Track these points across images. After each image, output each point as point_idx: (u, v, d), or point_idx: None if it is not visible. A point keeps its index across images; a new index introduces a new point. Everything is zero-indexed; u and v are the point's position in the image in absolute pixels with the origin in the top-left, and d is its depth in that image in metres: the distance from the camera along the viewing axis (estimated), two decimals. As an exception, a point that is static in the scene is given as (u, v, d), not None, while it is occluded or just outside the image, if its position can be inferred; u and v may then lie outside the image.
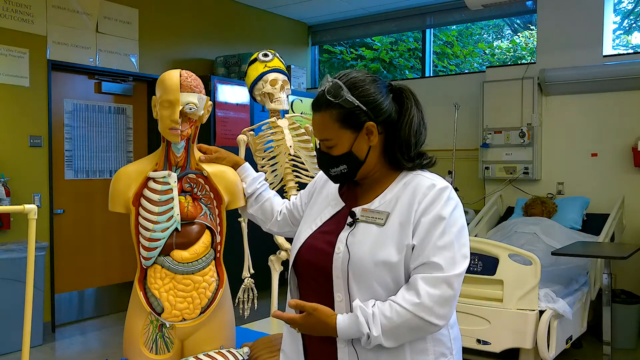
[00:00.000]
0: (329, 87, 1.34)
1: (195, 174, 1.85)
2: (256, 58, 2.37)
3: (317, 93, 1.39)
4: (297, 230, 1.53)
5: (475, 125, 5.52)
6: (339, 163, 1.37)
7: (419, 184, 1.34)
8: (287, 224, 1.73)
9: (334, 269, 1.33)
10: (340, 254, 1.33)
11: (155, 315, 1.81)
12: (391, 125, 1.37)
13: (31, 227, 1.58)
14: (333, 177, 1.41)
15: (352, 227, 1.35)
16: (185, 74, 1.79)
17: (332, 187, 1.50)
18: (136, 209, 1.80)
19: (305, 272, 1.41)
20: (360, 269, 1.29)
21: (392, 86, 1.41)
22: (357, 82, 1.34)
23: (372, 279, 1.28)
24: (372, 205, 1.36)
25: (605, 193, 4.88)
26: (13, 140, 4.38)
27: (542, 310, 3.23)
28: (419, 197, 1.31)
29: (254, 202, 1.82)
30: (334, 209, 1.44)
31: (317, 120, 1.37)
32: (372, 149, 1.36)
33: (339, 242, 1.35)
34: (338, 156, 1.36)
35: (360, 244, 1.31)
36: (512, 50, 7.97)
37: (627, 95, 4.87)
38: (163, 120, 1.77)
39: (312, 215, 1.48)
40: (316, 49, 7.26)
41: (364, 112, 1.33)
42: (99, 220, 5.03)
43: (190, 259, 1.80)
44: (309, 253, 1.40)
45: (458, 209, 1.33)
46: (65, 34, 4.67)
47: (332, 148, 1.36)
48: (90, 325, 4.87)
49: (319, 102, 1.36)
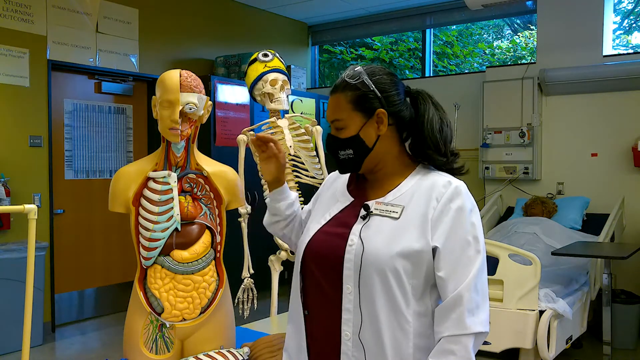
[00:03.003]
0: (349, 71, 1.40)
1: (195, 174, 1.85)
2: (256, 58, 2.37)
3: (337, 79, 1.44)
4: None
5: (475, 125, 5.52)
6: (346, 146, 1.39)
7: (435, 181, 1.36)
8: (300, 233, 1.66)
9: (345, 261, 1.33)
10: (354, 245, 1.33)
11: (155, 315, 1.81)
12: (404, 123, 1.41)
13: (31, 227, 1.58)
14: (340, 161, 1.42)
15: (366, 220, 1.36)
16: (185, 74, 1.79)
17: (340, 184, 1.50)
18: (136, 209, 1.80)
19: (312, 265, 1.40)
20: (376, 261, 1.29)
21: (410, 89, 1.46)
22: (376, 71, 1.40)
23: (387, 271, 1.29)
24: (386, 199, 1.37)
25: (605, 193, 4.88)
26: (13, 140, 4.38)
27: (542, 310, 3.23)
28: (435, 194, 1.33)
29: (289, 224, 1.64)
30: (342, 204, 1.44)
31: (332, 101, 1.41)
32: (381, 140, 1.38)
33: (352, 235, 1.35)
34: (346, 139, 1.38)
35: (376, 236, 1.32)
36: (512, 50, 7.97)
37: (627, 95, 4.87)
38: (163, 120, 1.77)
39: (320, 212, 1.48)
40: (316, 49, 7.26)
41: (377, 98, 1.36)
42: (99, 220, 5.03)
43: (190, 259, 1.80)
44: (318, 246, 1.40)
45: (474, 210, 1.34)
46: (65, 34, 4.67)
47: (341, 130, 1.39)
48: (90, 325, 4.87)
49: (336, 86, 1.41)
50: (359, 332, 1.31)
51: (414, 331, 1.30)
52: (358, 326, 1.31)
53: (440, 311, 1.29)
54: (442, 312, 1.29)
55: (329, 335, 1.36)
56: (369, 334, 1.30)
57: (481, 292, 1.30)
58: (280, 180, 1.61)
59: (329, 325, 1.36)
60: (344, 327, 1.33)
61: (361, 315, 1.31)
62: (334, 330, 1.34)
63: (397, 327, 1.29)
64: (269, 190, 1.62)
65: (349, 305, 1.32)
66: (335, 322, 1.34)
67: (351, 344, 1.32)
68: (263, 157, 1.60)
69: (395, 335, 1.29)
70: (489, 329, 1.29)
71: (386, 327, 1.29)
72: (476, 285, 1.29)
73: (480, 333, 1.27)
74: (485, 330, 1.28)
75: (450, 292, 1.28)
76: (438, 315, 1.29)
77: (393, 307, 1.29)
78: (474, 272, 1.29)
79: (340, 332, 1.34)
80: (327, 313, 1.36)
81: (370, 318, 1.30)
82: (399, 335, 1.29)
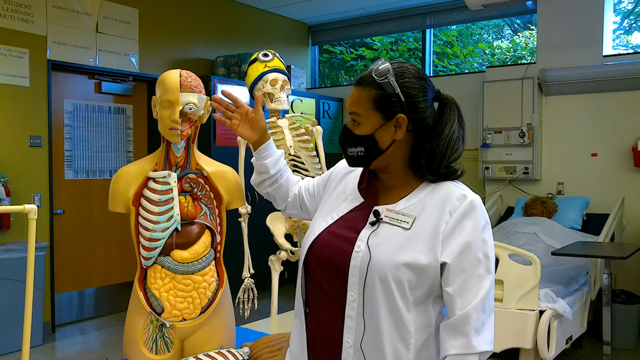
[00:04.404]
0: (378, 67, 1.31)
1: (195, 174, 1.85)
2: (256, 58, 2.37)
3: (366, 70, 1.38)
4: (304, 216, 1.52)
5: (475, 125, 5.52)
6: (358, 144, 1.34)
7: (450, 192, 1.30)
8: (295, 207, 1.66)
9: (351, 268, 1.30)
10: (361, 252, 1.29)
11: (155, 315, 1.81)
12: (424, 131, 1.33)
13: (31, 227, 1.57)
14: (349, 157, 1.39)
15: (375, 227, 1.32)
16: (185, 74, 1.78)
17: (351, 182, 1.46)
18: (136, 209, 1.80)
19: (316, 267, 1.37)
20: (382, 271, 1.26)
21: (440, 94, 1.39)
22: (406, 73, 1.32)
23: (390, 280, 1.26)
24: (397, 207, 1.33)
25: (605, 193, 4.88)
26: (13, 140, 4.38)
27: (542, 310, 3.23)
28: (449, 207, 1.28)
29: (274, 182, 1.66)
30: (351, 204, 1.40)
31: (355, 94, 1.35)
32: (396, 144, 1.32)
33: (359, 241, 1.31)
34: (359, 136, 1.34)
35: (384, 245, 1.28)
36: (512, 50, 7.97)
37: (627, 95, 4.87)
38: (163, 120, 1.76)
39: (327, 210, 1.44)
40: (316, 49, 7.26)
41: (400, 103, 1.30)
42: (99, 220, 5.03)
43: (190, 259, 1.80)
44: (323, 248, 1.36)
45: (487, 227, 1.30)
46: (65, 34, 4.67)
47: (357, 126, 1.34)
48: (90, 325, 4.87)
49: (362, 78, 1.35)
50: (361, 341, 1.29)
51: (415, 342, 1.28)
52: (360, 335, 1.29)
53: (447, 328, 1.27)
54: (449, 330, 1.26)
55: (329, 337, 1.35)
56: (370, 343, 1.28)
57: (488, 310, 1.28)
58: (262, 138, 1.62)
59: (330, 328, 1.34)
60: (346, 335, 1.31)
61: (364, 325, 1.29)
62: (335, 333, 1.33)
63: (399, 338, 1.27)
64: (253, 150, 1.63)
65: (352, 313, 1.30)
66: (335, 326, 1.33)
67: (352, 352, 1.31)
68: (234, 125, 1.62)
69: (396, 346, 1.27)
70: (493, 346, 1.28)
71: (388, 338, 1.27)
72: (484, 305, 1.26)
73: (485, 352, 1.26)
74: (490, 349, 1.27)
75: (458, 309, 1.25)
76: (444, 331, 1.27)
77: (395, 317, 1.27)
78: (484, 292, 1.26)
79: (340, 337, 1.32)
80: (328, 315, 1.35)
81: (373, 328, 1.28)
82: (399, 346, 1.27)
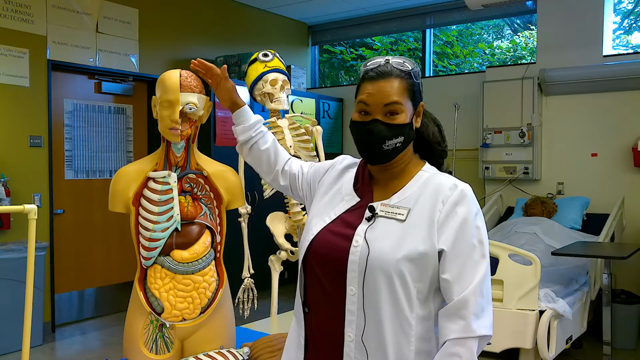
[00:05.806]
0: (403, 60, 1.36)
1: (195, 174, 1.85)
2: (256, 58, 2.37)
3: (375, 65, 1.35)
4: (289, 194, 1.63)
5: (475, 125, 5.52)
6: (399, 134, 1.34)
7: (441, 183, 1.35)
8: (285, 179, 1.65)
9: (349, 263, 1.31)
10: (359, 247, 1.31)
11: (155, 315, 1.81)
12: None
13: (31, 227, 1.58)
14: (383, 152, 1.36)
15: (371, 221, 1.34)
16: (185, 74, 1.79)
17: (346, 181, 1.48)
18: (136, 209, 1.80)
19: (315, 265, 1.39)
20: (382, 264, 1.28)
21: None
22: (415, 66, 1.39)
23: (393, 274, 1.28)
24: (392, 201, 1.36)
25: (605, 193, 4.88)
26: (13, 140, 4.38)
27: (542, 310, 3.23)
28: (442, 197, 1.32)
29: (249, 151, 1.68)
30: (348, 204, 1.42)
31: (384, 85, 1.33)
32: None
33: (356, 236, 1.33)
34: (400, 125, 1.34)
35: (381, 238, 1.31)
36: (512, 50, 7.96)
37: (627, 95, 4.87)
38: (163, 120, 1.77)
39: (324, 209, 1.45)
40: (316, 49, 7.26)
41: (420, 92, 1.38)
42: (99, 220, 5.03)
43: (190, 259, 1.80)
44: (321, 246, 1.38)
45: (479, 214, 1.34)
46: (65, 34, 4.67)
47: (396, 115, 1.34)
48: (90, 325, 4.87)
49: (388, 71, 1.34)
50: (362, 334, 1.30)
51: (416, 335, 1.29)
52: (361, 329, 1.30)
53: (445, 314, 1.29)
54: (447, 315, 1.28)
55: (330, 334, 1.35)
56: (372, 337, 1.29)
57: (486, 296, 1.30)
58: (237, 103, 1.68)
59: (330, 325, 1.35)
60: (347, 329, 1.32)
61: (365, 318, 1.30)
62: (335, 329, 1.34)
63: (400, 330, 1.29)
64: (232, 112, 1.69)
65: (353, 307, 1.31)
66: (336, 322, 1.34)
67: (354, 346, 1.31)
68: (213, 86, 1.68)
69: (398, 338, 1.29)
70: (492, 332, 1.30)
71: (389, 331, 1.28)
72: (482, 289, 1.28)
73: (485, 336, 1.28)
74: (489, 333, 1.28)
75: (456, 295, 1.27)
76: (442, 317, 1.29)
77: (397, 310, 1.28)
78: (480, 276, 1.28)
79: (341, 332, 1.33)
80: (328, 312, 1.36)
81: (374, 321, 1.29)
82: (401, 339, 1.29)
